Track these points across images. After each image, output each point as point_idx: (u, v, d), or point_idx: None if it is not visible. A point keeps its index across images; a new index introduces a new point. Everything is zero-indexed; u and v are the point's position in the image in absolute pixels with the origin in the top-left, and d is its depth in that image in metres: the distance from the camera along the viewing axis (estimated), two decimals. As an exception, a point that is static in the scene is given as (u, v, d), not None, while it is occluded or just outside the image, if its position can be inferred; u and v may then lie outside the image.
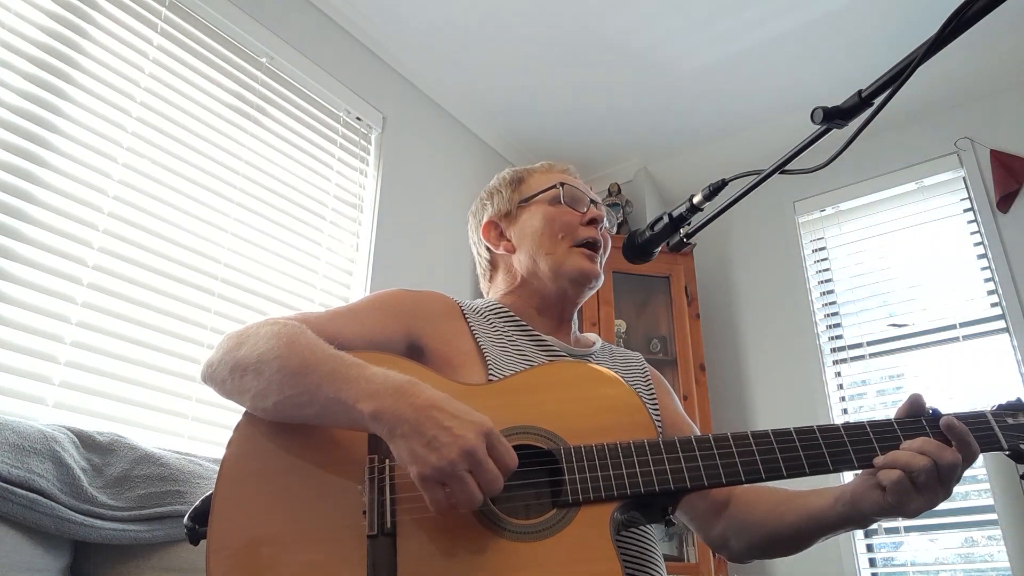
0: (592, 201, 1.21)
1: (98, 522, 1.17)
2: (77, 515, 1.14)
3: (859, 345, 2.89)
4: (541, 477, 0.85)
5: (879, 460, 0.84)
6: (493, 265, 1.27)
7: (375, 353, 0.95)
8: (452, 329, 1.08)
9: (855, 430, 0.87)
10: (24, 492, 1.08)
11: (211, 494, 0.83)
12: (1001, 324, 2.59)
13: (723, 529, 1.07)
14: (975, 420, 0.89)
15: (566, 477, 0.82)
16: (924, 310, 2.79)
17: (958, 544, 2.50)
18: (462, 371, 1.01)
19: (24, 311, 1.54)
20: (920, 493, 0.82)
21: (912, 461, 0.82)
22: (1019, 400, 0.92)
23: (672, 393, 1.24)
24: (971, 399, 2.56)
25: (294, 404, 0.83)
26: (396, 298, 1.09)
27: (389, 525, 0.77)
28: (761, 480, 0.85)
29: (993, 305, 2.64)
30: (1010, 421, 0.90)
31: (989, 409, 0.92)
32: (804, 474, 0.85)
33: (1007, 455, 0.88)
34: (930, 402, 0.90)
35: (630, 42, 2.73)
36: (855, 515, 0.88)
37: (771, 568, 2.72)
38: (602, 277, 1.19)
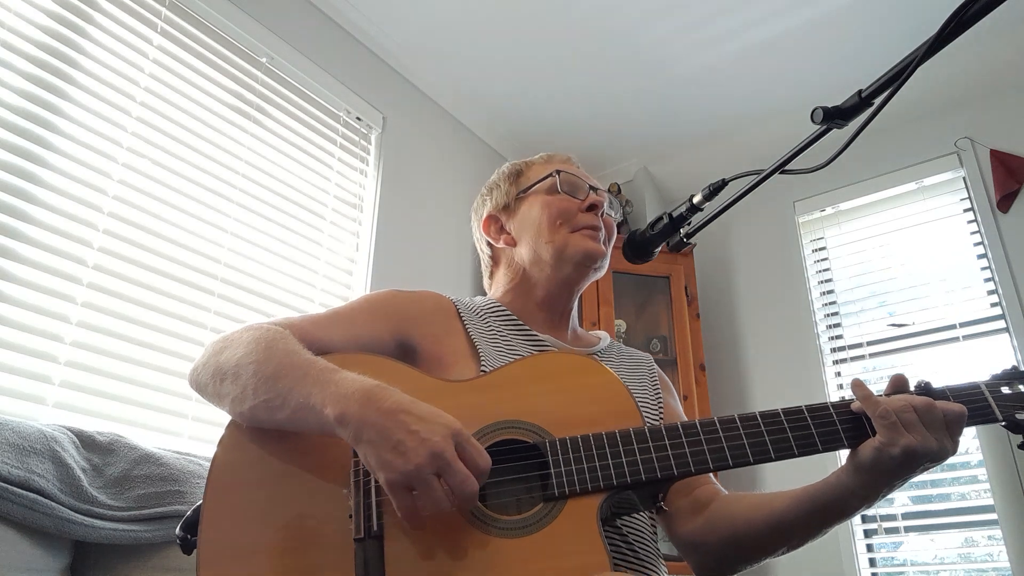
0: (592, 188, 1.19)
1: (98, 522, 1.17)
2: (77, 515, 1.14)
3: (859, 345, 2.89)
4: (529, 472, 0.84)
5: (856, 404, 0.85)
6: (495, 260, 1.25)
7: (360, 355, 0.94)
8: (445, 328, 1.07)
9: (843, 408, 0.86)
10: (24, 492, 1.09)
11: (200, 504, 0.84)
12: (1001, 324, 2.59)
13: (701, 524, 1.02)
14: (969, 392, 0.87)
15: (552, 471, 0.82)
16: (924, 310, 2.79)
17: (958, 544, 2.50)
18: (454, 370, 1.00)
19: (24, 311, 1.54)
20: (908, 431, 0.80)
21: (890, 401, 0.83)
22: (1015, 368, 0.89)
23: (678, 401, 1.22)
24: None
25: (268, 408, 0.83)
26: (386, 299, 1.09)
27: (376, 527, 0.77)
28: (749, 463, 0.84)
29: (993, 305, 2.64)
30: (1005, 391, 0.86)
31: (984, 380, 0.88)
32: (793, 455, 0.83)
33: (1003, 426, 0.85)
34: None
35: (630, 42, 2.73)
36: (852, 478, 0.85)
37: (771, 568, 2.72)
38: (607, 259, 1.16)
